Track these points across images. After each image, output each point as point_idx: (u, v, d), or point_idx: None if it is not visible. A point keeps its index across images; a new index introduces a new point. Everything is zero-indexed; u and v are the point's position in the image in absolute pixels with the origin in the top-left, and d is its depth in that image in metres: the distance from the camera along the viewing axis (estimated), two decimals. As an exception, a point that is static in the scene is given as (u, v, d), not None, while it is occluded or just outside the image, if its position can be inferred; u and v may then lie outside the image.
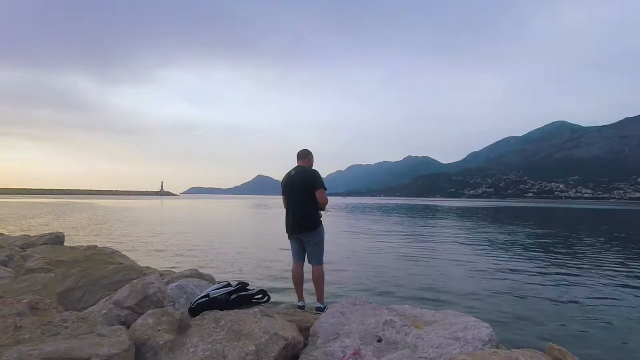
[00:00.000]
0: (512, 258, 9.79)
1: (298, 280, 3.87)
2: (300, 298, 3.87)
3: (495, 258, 9.73)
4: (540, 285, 6.83)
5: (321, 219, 3.85)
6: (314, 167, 4.03)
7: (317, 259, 3.78)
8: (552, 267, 8.68)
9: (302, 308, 3.74)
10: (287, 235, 3.96)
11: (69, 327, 2.02)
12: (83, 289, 3.16)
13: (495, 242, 13.44)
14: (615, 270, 8.23)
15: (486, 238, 14.71)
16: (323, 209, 3.83)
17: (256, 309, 2.57)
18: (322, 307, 3.69)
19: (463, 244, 12.90)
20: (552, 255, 10.55)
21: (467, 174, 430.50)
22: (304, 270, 3.97)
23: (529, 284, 6.90)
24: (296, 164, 3.99)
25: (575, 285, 6.83)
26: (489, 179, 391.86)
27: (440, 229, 19.28)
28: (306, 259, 3.89)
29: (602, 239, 14.61)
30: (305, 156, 4.01)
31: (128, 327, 2.28)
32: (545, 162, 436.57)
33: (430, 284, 6.78)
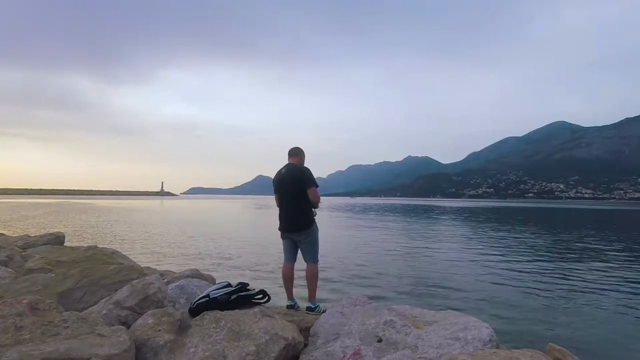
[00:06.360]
0: (512, 258, 9.80)
1: (288, 279, 3.82)
2: (290, 297, 3.83)
3: (495, 258, 9.73)
4: (541, 285, 6.83)
5: (314, 217, 3.80)
6: (305, 165, 3.94)
7: (312, 257, 3.74)
8: (552, 267, 8.68)
9: (291, 307, 3.70)
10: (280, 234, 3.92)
11: (69, 327, 2.01)
12: (83, 289, 3.15)
13: (495, 242, 13.44)
14: (616, 271, 8.24)
15: (486, 238, 14.71)
16: (316, 207, 3.78)
17: (256, 309, 2.56)
18: (313, 306, 3.65)
19: (463, 244, 12.90)
20: (552, 255, 10.56)
21: (467, 174, 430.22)
22: (296, 270, 3.94)
23: (529, 284, 6.91)
24: (287, 162, 3.91)
25: (575, 285, 6.83)
26: (489, 179, 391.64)
27: (440, 229, 19.29)
28: (300, 257, 3.86)
29: (602, 239, 14.61)
30: (296, 154, 3.93)
31: (128, 327, 2.27)
32: (545, 162, 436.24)
33: (430, 284, 6.78)
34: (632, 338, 4.35)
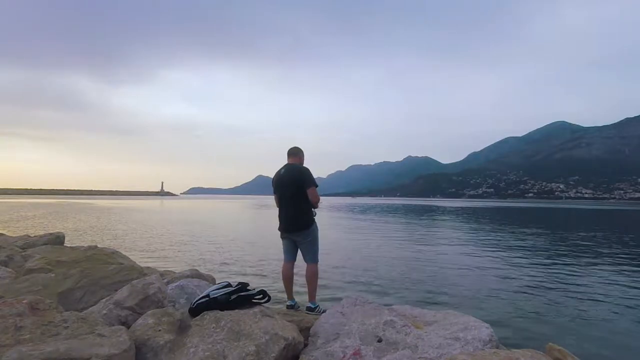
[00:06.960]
0: (512, 258, 9.79)
1: (287, 279, 3.83)
2: (290, 297, 3.84)
3: (495, 258, 9.73)
4: (541, 285, 6.83)
5: (314, 217, 3.79)
6: (305, 165, 3.94)
7: (312, 257, 3.75)
8: (552, 267, 8.68)
9: (291, 307, 3.70)
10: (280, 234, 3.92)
11: (69, 327, 2.01)
12: (83, 289, 3.15)
13: (495, 242, 13.44)
14: (616, 271, 8.23)
15: (486, 238, 14.71)
16: (315, 207, 3.77)
17: (256, 309, 2.56)
18: (313, 306, 3.65)
19: (463, 244, 12.90)
20: (552, 255, 10.55)
21: (467, 174, 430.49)
22: (296, 270, 3.95)
23: (528, 283, 6.90)
24: (286, 162, 3.91)
25: (575, 285, 6.83)
26: (489, 179, 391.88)
27: (440, 229, 19.28)
28: (300, 257, 3.86)
29: (602, 240, 14.61)
30: (295, 154, 3.93)
31: (128, 327, 2.27)
32: (545, 162, 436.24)
33: (430, 284, 6.78)
34: (631, 338, 4.35)
